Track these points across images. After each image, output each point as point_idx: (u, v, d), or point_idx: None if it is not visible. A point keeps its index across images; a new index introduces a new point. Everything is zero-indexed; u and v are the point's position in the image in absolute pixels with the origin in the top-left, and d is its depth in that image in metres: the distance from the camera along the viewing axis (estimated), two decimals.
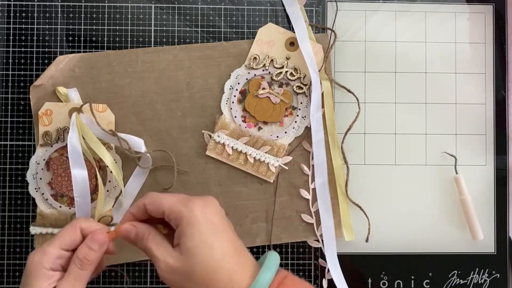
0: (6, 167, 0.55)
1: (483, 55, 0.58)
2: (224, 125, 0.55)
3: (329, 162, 0.56)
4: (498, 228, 0.58)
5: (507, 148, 0.58)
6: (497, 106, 0.58)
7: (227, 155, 0.55)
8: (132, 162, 0.54)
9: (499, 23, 0.58)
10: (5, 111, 0.55)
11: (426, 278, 0.57)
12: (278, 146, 0.55)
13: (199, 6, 0.57)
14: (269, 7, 0.57)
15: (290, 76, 0.56)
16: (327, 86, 0.56)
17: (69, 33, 0.56)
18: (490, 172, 0.58)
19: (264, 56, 0.56)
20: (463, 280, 0.57)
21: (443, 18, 0.58)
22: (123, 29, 0.56)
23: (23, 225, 0.55)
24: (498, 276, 0.57)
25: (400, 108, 0.58)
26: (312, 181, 0.56)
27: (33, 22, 0.56)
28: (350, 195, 0.56)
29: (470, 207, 0.56)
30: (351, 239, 0.56)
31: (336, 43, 0.57)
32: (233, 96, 0.55)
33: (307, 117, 0.56)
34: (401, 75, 0.58)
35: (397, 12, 0.58)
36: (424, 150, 0.57)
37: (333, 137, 0.56)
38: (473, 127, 0.58)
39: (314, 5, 0.57)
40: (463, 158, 0.58)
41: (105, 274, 0.55)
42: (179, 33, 0.56)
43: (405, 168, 0.57)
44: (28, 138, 0.55)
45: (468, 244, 0.57)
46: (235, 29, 0.57)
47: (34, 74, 0.55)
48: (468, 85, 0.58)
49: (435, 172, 0.57)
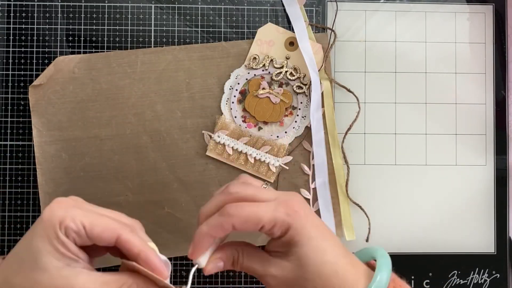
0: (6, 167, 0.55)
1: (483, 55, 0.58)
2: (224, 125, 0.55)
3: (330, 161, 0.56)
4: (498, 228, 0.58)
5: (507, 148, 0.58)
6: (497, 106, 0.58)
7: (227, 155, 0.55)
8: None
9: (499, 23, 0.58)
10: (5, 111, 0.55)
11: (426, 278, 0.57)
12: (278, 146, 0.55)
13: (199, 6, 0.56)
14: (269, 7, 0.57)
15: (290, 76, 0.56)
16: (327, 85, 0.56)
17: (69, 33, 0.56)
18: (490, 172, 0.58)
19: (263, 56, 0.56)
20: (463, 280, 0.57)
21: (443, 18, 0.58)
22: (123, 29, 0.56)
23: (23, 225, 0.55)
24: (498, 276, 0.57)
25: (400, 108, 0.58)
26: (313, 181, 0.56)
27: (33, 22, 0.56)
28: (350, 195, 0.56)
29: None
30: (352, 239, 0.56)
31: (336, 43, 0.57)
32: (233, 96, 0.55)
33: (307, 117, 0.56)
34: (401, 75, 0.58)
35: (397, 12, 0.58)
36: (424, 150, 0.57)
37: (333, 137, 0.56)
38: (473, 127, 0.58)
39: (314, 5, 0.57)
40: (463, 158, 0.58)
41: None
42: (179, 33, 0.56)
43: (405, 168, 0.57)
44: (28, 138, 0.55)
45: (468, 244, 0.58)
46: (235, 29, 0.57)
47: (34, 74, 0.55)
48: (468, 85, 0.58)
49: (435, 172, 0.57)
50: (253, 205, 0.38)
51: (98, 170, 0.55)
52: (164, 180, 0.55)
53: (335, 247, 0.39)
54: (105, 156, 0.55)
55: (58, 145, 0.54)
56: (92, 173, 0.55)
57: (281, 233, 0.38)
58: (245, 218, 0.37)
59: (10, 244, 0.55)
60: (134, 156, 0.55)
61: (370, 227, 0.56)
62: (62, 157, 0.54)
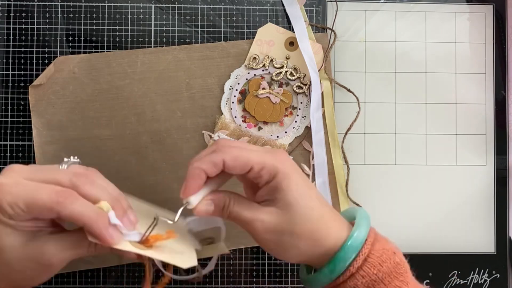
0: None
1: (483, 55, 0.58)
2: (224, 125, 0.55)
3: (330, 161, 0.56)
4: (498, 228, 0.58)
5: (507, 148, 0.58)
6: (497, 106, 0.58)
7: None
8: None
9: (499, 23, 0.58)
10: (5, 111, 0.55)
11: (426, 278, 0.57)
12: (278, 146, 0.55)
13: (199, 6, 0.56)
14: (269, 7, 0.57)
15: (290, 76, 0.56)
16: (327, 85, 0.56)
17: (69, 33, 0.56)
18: (490, 172, 0.58)
19: (263, 56, 0.56)
20: (463, 280, 0.57)
21: (443, 18, 0.58)
22: (123, 29, 0.56)
23: None
24: (498, 276, 0.57)
25: (400, 108, 0.58)
26: (313, 181, 0.56)
27: (33, 22, 0.56)
28: (350, 195, 0.56)
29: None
30: None
31: (336, 43, 0.57)
32: (233, 96, 0.55)
33: (307, 117, 0.56)
34: (401, 75, 0.58)
35: (397, 12, 0.58)
36: (424, 150, 0.57)
37: (333, 137, 0.56)
38: (473, 127, 0.58)
39: (314, 5, 0.57)
40: (463, 158, 0.58)
41: (105, 274, 0.55)
42: (179, 33, 0.56)
43: (405, 168, 0.57)
44: (28, 138, 0.55)
45: (468, 244, 0.58)
46: (235, 29, 0.57)
47: (34, 74, 0.55)
48: (468, 85, 0.58)
49: (435, 172, 0.57)
50: (243, 148, 0.39)
51: (98, 170, 0.55)
52: (164, 180, 0.55)
53: (321, 197, 0.40)
54: (105, 156, 0.55)
55: (58, 145, 0.54)
56: None
57: (269, 177, 0.38)
58: (236, 154, 0.38)
59: None
60: (134, 156, 0.55)
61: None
62: (62, 157, 0.54)
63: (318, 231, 0.39)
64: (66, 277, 0.55)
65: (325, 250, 0.39)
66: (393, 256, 0.40)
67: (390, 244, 0.41)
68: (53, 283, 0.55)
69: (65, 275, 0.55)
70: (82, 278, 0.55)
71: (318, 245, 0.39)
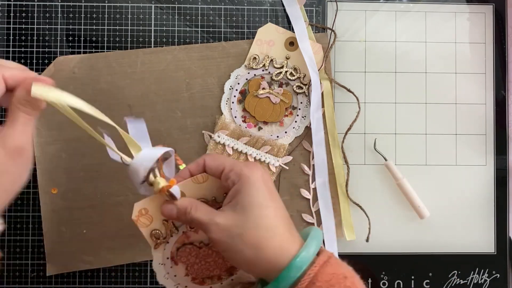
0: None
1: (483, 55, 0.58)
2: (224, 126, 0.55)
3: (330, 161, 0.56)
4: (498, 228, 0.58)
5: (507, 148, 0.58)
6: (497, 106, 0.58)
7: (227, 155, 0.55)
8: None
9: (499, 23, 0.58)
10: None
11: (426, 278, 0.57)
12: (278, 146, 0.55)
13: (199, 6, 0.56)
14: (269, 7, 0.57)
15: (290, 76, 0.56)
16: (327, 85, 0.56)
17: (69, 33, 0.56)
18: (490, 172, 0.58)
19: (263, 56, 0.56)
20: (463, 280, 0.57)
21: (443, 18, 0.58)
22: (123, 29, 0.56)
23: (23, 225, 0.55)
24: (498, 276, 0.57)
25: (400, 108, 0.58)
26: (313, 181, 0.56)
27: (33, 22, 0.56)
28: (350, 195, 0.56)
29: (408, 189, 0.56)
30: (352, 239, 0.56)
31: (336, 43, 0.57)
32: (233, 96, 0.55)
33: (307, 117, 0.56)
34: (401, 75, 0.58)
35: (397, 12, 0.58)
36: (424, 150, 0.58)
37: (333, 137, 0.56)
38: (473, 127, 0.58)
39: (314, 5, 0.57)
40: (463, 158, 0.58)
41: (105, 274, 0.55)
42: (179, 33, 0.56)
43: (405, 168, 0.57)
44: None
45: (468, 244, 0.58)
46: (235, 29, 0.57)
47: None
48: (468, 85, 0.58)
49: (435, 172, 0.57)
50: (223, 156, 0.46)
51: (98, 170, 0.55)
52: None
53: (280, 211, 0.41)
54: (105, 156, 0.54)
55: (58, 145, 0.54)
56: (92, 173, 0.55)
57: (235, 178, 0.41)
58: (214, 158, 0.43)
59: (10, 243, 0.55)
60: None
61: (370, 227, 0.56)
62: (62, 157, 0.54)
63: (264, 241, 0.39)
64: (66, 277, 0.55)
65: (271, 264, 0.39)
66: (344, 280, 0.39)
67: (342, 269, 0.41)
68: (53, 283, 0.55)
69: (65, 275, 0.55)
70: (82, 278, 0.55)
71: (261, 255, 0.39)
